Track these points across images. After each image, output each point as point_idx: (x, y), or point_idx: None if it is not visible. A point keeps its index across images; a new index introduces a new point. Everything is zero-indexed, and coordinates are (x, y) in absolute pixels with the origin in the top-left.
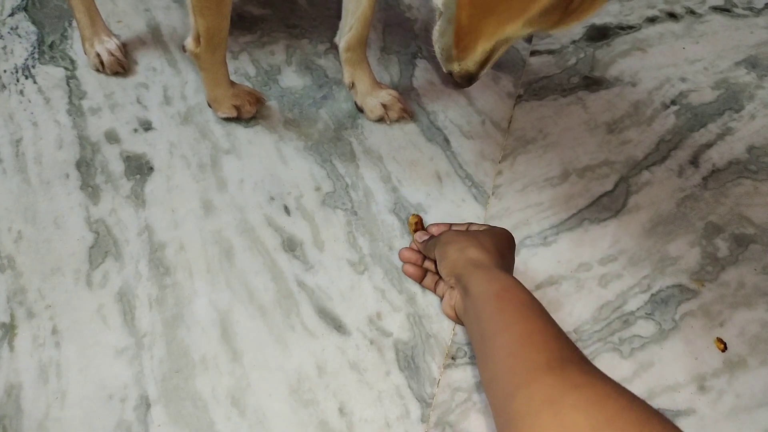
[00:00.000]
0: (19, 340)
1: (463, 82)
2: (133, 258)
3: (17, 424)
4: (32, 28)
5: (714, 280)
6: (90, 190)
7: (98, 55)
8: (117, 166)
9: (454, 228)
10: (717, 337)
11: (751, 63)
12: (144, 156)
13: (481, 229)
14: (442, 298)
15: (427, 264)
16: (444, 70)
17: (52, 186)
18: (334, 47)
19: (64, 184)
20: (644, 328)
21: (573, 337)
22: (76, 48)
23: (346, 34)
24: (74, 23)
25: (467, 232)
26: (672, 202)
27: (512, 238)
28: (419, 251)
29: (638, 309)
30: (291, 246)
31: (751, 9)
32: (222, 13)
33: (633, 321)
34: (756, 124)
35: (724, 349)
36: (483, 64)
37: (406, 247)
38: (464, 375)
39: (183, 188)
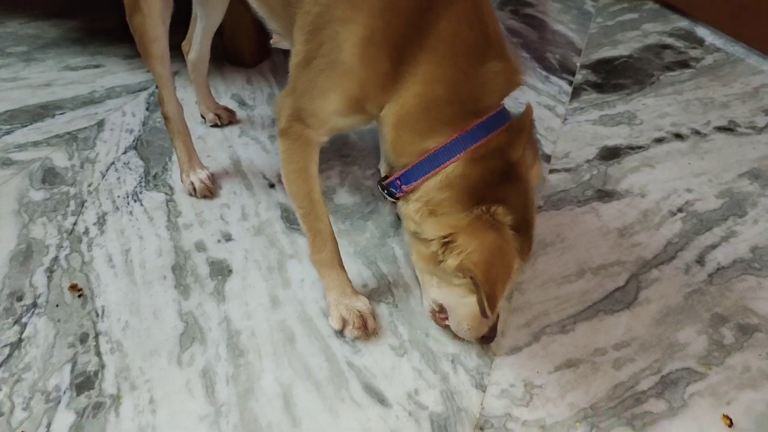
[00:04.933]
0: (123, 408)
1: (493, 335)
2: (215, 342)
3: None
4: (140, 162)
5: (720, 364)
6: (182, 288)
7: (192, 183)
8: (203, 270)
9: None
10: (724, 414)
11: (754, 175)
12: (225, 261)
13: None
14: None
15: None
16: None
17: (152, 285)
18: (378, 171)
19: (162, 284)
20: (655, 405)
21: (589, 413)
22: (174, 177)
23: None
24: (173, 158)
25: None
26: (680, 296)
27: None
28: None
29: (649, 389)
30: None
31: (753, 127)
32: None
33: (645, 399)
34: (759, 227)
35: (731, 424)
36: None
37: None
38: None
39: (255, 286)
